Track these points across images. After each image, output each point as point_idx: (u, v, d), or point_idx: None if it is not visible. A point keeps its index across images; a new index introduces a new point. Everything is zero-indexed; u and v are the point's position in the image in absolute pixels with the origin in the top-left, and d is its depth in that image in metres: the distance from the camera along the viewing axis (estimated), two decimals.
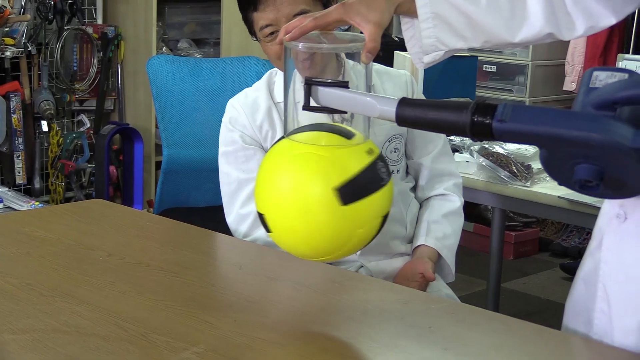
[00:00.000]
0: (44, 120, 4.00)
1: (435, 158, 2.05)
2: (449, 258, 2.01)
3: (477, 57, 3.52)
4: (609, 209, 1.29)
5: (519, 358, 1.28)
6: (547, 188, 2.51)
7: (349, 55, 1.64)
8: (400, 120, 1.19)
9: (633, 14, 1.28)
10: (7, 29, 3.80)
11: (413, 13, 1.33)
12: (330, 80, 1.26)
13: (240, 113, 1.97)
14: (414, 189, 2.07)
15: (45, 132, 4.03)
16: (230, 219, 1.97)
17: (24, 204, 3.33)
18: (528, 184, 2.55)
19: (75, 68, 4.16)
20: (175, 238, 1.79)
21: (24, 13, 3.86)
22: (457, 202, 2.07)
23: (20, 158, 3.92)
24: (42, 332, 1.28)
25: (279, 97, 1.96)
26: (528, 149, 2.66)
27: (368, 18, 1.27)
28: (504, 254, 3.58)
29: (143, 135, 3.94)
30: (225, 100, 2.03)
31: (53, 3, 3.92)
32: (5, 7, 3.74)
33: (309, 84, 1.25)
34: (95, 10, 4.19)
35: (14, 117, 3.85)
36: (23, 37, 3.85)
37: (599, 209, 1.35)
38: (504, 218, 3.22)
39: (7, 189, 3.54)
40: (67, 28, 4.01)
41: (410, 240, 2.03)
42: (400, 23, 1.38)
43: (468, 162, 2.65)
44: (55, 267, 1.56)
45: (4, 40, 3.78)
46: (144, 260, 1.60)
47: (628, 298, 1.25)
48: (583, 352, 1.34)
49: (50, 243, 1.69)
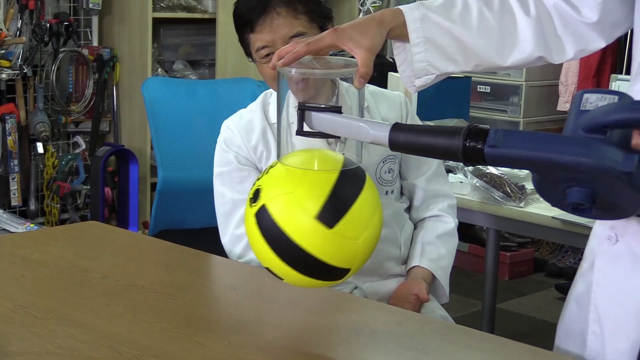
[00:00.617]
0: (40, 142, 3.99)
1: (430, 179, 2.06)
2: (443, 279, 2.01)
3: (470, 77, 3.54)
4: (600, 232, 1.30)
5: None
6: (540, 208, 2.52)
7: (343, 77, 1.65)
8: (393, 146, 1.19)
9: (625, 35, 1.29)
10: (3, 51, 3.81)
11: (405, 37, 1.34)
12: (324, 106, 1.27)
13: (235, 134, 1.98)
14: (408, 210, 2.07)
15: (41, 153, 4.03)
16: (225, 240, 1.97)
17: (19, 226, 3.32)
18: (522, 205, 2.56)
19: (71, 90, 4.17)
20: (170, 260, 1.79)
21: (20, 35, 3.87)
22: (451, 223, 2.07)
23: (16, 180, 3.91)
24: (36, 355, 1.27)
25: (274, 118, 1.96)
26: (522, 170, 2.67)
27: (360, 43, 1.28)
28: (499, 275, 3.58)
29: (138, 157, 3.94)
30: (220, 122, 2.03)
31: (49, 25, 3.93)
32: (1, 29, 3.75)
33: (303, 110, 1.26)
34: (91, 32, 4.20)
35: (10, 139, 3.86)
36: (19, 59, 3.86)
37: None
38: (499, 238, 3.22)
39: (2, 211, 3.54)
40: (62, 50, 4.01)
41: (405, 262, 2.03)
42: (392, 47, 1.39)
43: (462, 182, 2.66)
44: (50, 289, 1.56)
45: (0, 63, 3.79)
46: (139, 282, 1.60)
47: (620, 320, 1.26)
48: None
49: (45, 265, 1.69)
